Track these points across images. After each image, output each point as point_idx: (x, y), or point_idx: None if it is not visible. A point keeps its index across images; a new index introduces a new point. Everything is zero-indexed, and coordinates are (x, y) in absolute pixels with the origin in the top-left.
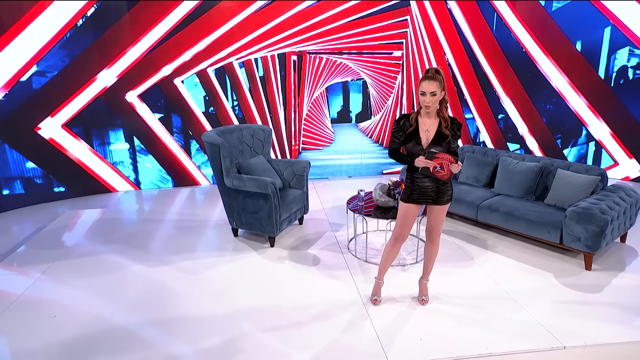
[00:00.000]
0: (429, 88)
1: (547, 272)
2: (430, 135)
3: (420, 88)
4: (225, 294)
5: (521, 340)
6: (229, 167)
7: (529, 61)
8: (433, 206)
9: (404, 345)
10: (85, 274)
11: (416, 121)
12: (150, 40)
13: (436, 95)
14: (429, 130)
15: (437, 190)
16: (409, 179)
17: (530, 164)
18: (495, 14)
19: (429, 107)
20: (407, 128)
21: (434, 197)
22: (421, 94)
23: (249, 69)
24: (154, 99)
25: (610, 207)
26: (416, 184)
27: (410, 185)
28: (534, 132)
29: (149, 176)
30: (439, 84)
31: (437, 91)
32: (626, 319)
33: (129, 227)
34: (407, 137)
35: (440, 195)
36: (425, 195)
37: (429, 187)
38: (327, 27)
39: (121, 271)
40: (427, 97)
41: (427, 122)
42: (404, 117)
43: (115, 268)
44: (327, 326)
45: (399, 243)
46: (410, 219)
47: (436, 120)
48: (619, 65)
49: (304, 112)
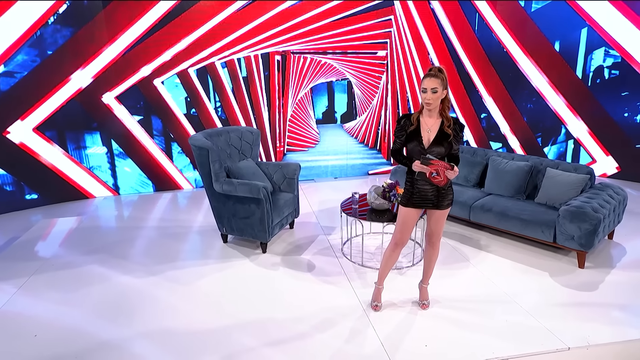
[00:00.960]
0: (430, 84)
1: (542, 271)
2: (432, 135)
3: (422, 85)
4: (220, 304)
5: (526, 343)
6: (218, 172)
7: (510, 61)
8: (433, 210)
9: (409, 353)
10: (67, 287)
11: (418, 121)
12: (128, 40)
13: (437, 93)
14: (430, 130)
15: (438, 194)
16: (408, 182)
17: (520, 163)
18: (477, 14)
19: (430, 104)
20: (408, 127)
21: (434, 201)
22: (422, 91)
23: (231, 69)
24: (132, 101)
25: (601, 206)
26: (416, 188)
27: (409, 189)
28: (516, 131)
29: (129, 181)
30: (441, 81)
31: (438, 88)
32: (625, 317)
33: (111, 236)
34: (409, 137)
35: (440, 199)
36: (425, 199)
37: (429, 191)
38: (311, 26)
39: (106, 283)
40: (428, 93)
41: (429, 122)
42: (405, 117)
43: (99, 280)
44: (330, 336)
45: (399, 248)
46: (410, 224)
47: (438, 120)
48: (595, 65)
49: (289, 113)
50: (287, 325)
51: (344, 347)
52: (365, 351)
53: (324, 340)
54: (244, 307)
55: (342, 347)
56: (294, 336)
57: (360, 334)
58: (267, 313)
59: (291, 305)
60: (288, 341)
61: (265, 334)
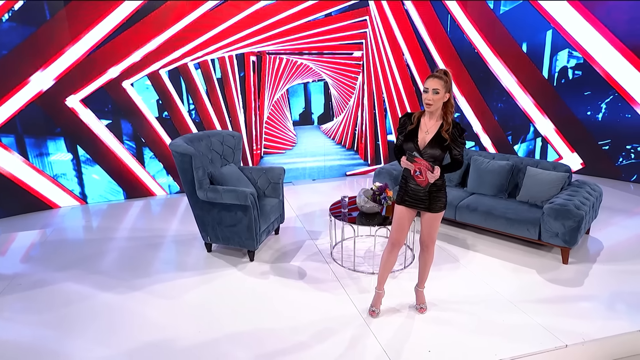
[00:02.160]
0: (432, 85)
1: (529, 268)
2: (429, 137)
3: (424, 85)
4: (210, 318)
5: (525, 343)
6: (202, 179)
7: (481, 61)
8: (425, 213)
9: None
10: (41, 308)
11: (418, 121)
12: (93, 39)
13: (439, 94)
14: (428, 132)
15: (429, 195)
16: (403, 180)
17: (501, 162)
18: (449, 15)
19: (430, 105)
20: (407, 126)
21: (426, 203)
22: (424, 91)
23: (205, 70)
24: (99, 104)
25: (582, 202)
26: (409, 186)
27: (403, 187)
28: (487, 130)
29: (97, 189)
30: (444, 83)
31: (440, 90)
32: (613, 310)
33: (82, 249)
34: (407, 135)
35: (433, 201)
36: (418, 199)
37: (421, 191)
38: (286, 26)
39: (84, 302)
40: (429, 94)
41: (429, 124)
42: (407, 115)
43: (76, 299)
44: (330, 346)
45: (396, 249)
46: (405, 223)
47: (438, 122)
48: (560, 66)
49: (265, 114)
50: (283, 335)
51: (345, 356)
52: (368, 359)
53: (324, 350)
54: (236, 320)
55: (343, 356)
56: (292, 347)
57: (361, 341)
58: (261, 324)
59: (285, 315)
60: (286, 353)
61: (261, 346)
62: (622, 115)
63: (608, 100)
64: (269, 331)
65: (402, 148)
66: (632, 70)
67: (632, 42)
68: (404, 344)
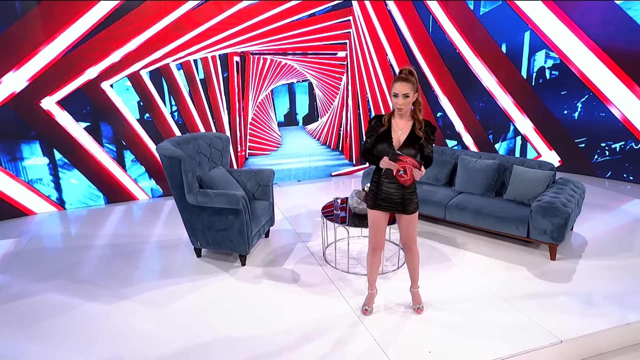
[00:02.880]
0: (402, 90)
1: (519, 266)
2: (403, 137)
3: (392, 89)
4: (203, 326)
5: (522, 340)
6: (191, 182)
7: (462, 62)
8: (401, 215)
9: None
10: (23, 321)
11: (389, 122)
12: (69, 39)
13: (409, 97)
14: (401, 132)
15: (403, 198)
16: (374, 182)
17: (488, 161)
18: (431, 16)
19: (402, 109)
20: (378, 128)
21: (401, 206)
22: (393, 95)
23: (188, 71)
24: (77, 106)
25: (568, 200)
26: (382, 189)
27: (375, 190)
28: (469, 129)
29: (76, 194)
30: (412, 85)
31: (409, 93)
32: (603, 303)
33: (63, 258)
34: (379, 138)
35: (406, 203)
36: (392, 202)
37: (395, 194)
38: (270, 26)
39: (70, 313)
40: (400, 99)
41: (400, 124)
42: (377, 118)
43: (62, 309)
44: (329, 348)
45: (378, 252)
46: (381, 226)
47: (410, 122)
48: (537, 66)
49: (249, 116)
50: (280, 340)
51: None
52: None
53: (323, 353)
54: (229, 327)
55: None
56: (290, 351)
57: (361, 344)
58: (256, 330)
59: (282, 320)
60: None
61: (258, 351)
62: (596, 114)
63: (583, 100)
64: (265, 337)
65: (371, 150)
66: (605, 71)
67: (604, 43)
68: (405, 346)
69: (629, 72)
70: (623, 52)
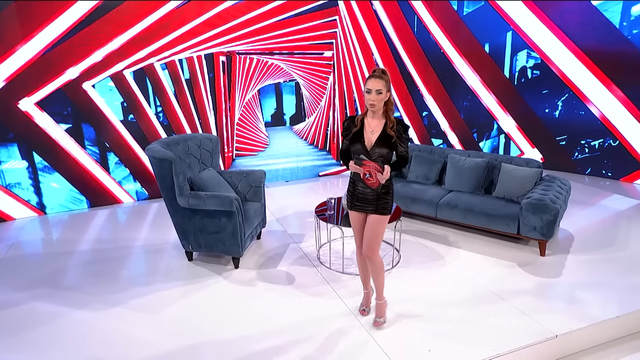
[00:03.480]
0: (375, 86)
1: (511, 262)
2: (375, 136)
3: (365, 86)
4: (197, 330)
5: (518, 336)
6: (183, 185)
7: (447, 61)
8: (369, 215)
9: None
10: (9, 331)
11: (362, 122)
12: (48, 37)
13: (382, 94)
14: (374, 132)
15: (378, 197)
16: (351, 182)
17: (477, 159)
18: (416, 16)
19: (374, 105)
20: (352, 129)
21: (374, 206)
22: (366, 91)
23: (173, 71)
24: (57, 107)
25: (556, 197)
26: (357, 189)
27: (351, 190)
28: (454, 128)
29: (57, 198)
30: (385, 83)
31: (382, 90)
32: (594, 297)
33: (48, 264)
34: (353, 138)
35: (380, 203)
36: (366, 202)
37: (369, 194)
38: (256, 26)
39: (58, 322)
40: (373, 94)
41: (373, 123)
42: (350, 119)
43: (48, 318)
44: (330, 350)
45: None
46: (358, 228)
47: (382, 121)
48: (519, 66)
49: (236, 116)
50: (279, 343)
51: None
52: None
53: (324, 357)
54: (225, 330)
55: None
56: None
57: (361, 345)
58: (252, 332)
59: (280, 323)
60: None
61: (255, 354)
62: (576, 112)
63: (564, 99)
64: (261, 339)
65: (348, 152)
66: (584, 71)
67: (583, 44)
68: (404, 345)
69: (606, 71)
70: (601, 52)
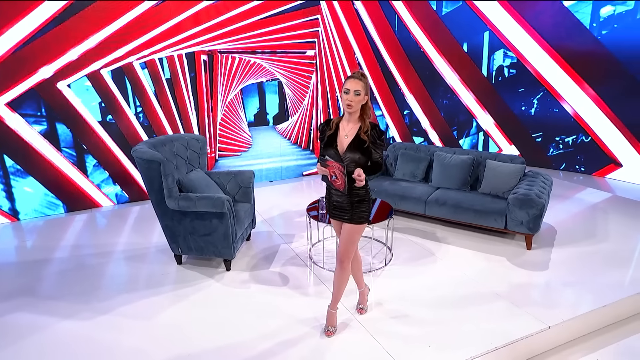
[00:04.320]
0: (353, 86)
1: (500, 256)
2: (348, 140)
3: (344, 86)
4: (194, 336)
5: (514, 329)
6: (172, 186)
7: (427, 60)
8: (344, 224)
9: (417, 356)
10: None
11: (337, 126)
12: (19, 34)
13: (360, 96)
14: (347, 135)
15: (352, 205)
16: (327, 191)
17: (463, 157)
18: (396, 15)
19: (351, 106)
20: (325, 133)
21: (349, 214)
22: (344, 92)
23: (153, 70)
24: (30, 108)
25: (541, 192)
26: (332, 197)
27: (327, 197)
28: (435, 126)
29: (31, 203)
30: (364, 85)
31: (361, 91)
32: (580, 288)
33: (23, 274)
34: (327, 142)
35: (354, 212)
36: (342, 210)
37: (344, 202)
38: (238, 24)
39: (43, 332)
40: (351, 95)
41: (347, 127)
42: (325, 123)
43: (33, 330)
44: (334, 348)
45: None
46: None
47: (357, 125)
48: (497, 65)
49: (219, 116)
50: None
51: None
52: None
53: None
54: (223, 336)
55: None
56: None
57: (362, 343)
58: (250, 335)
59: (276, 323)
60: None
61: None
62: (551, 110)
63: (539, 97)
64: (260, 342)
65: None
66: (557, 70)
67: (556, 43)
68: (404, 342)
69: (578, 71)
70: (573, 52)
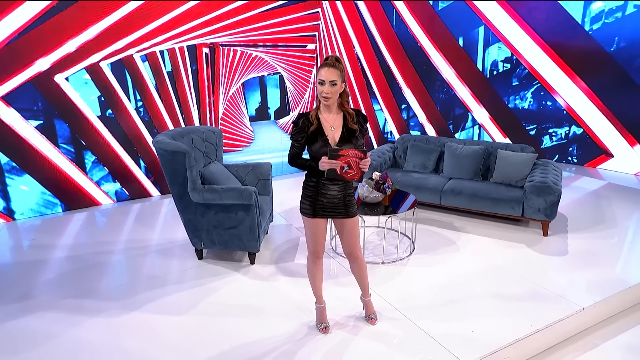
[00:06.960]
0: (329, 76)
1: (519, 243)
2: (337, 132)
3: (318, 76)
4: (238, 329)
5: (548, 313)
6: (196, 179)
7: (424, 55)
8: (344, 220)
9: (462, 341)
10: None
11: (318, 119)
12: (13, 25)
13: (336, 86)
14: (334, 127)
15: (344, 200)
16: (312, 188)
17: (474, 147)
18: (394, 10)
19: (328, 98)
20: (308, 128)
21: (343, 209)
22: (319, 82)
23: (154, 63)
24: (26, 102)
25: (556, 179)
26: (321, 193)
27: (313, 196)
28: (431, 120)
29: (27, 202)
30: (340, 73)
31: (337, 81)
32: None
33: (33, 275)
34: (311, 138)
35: (348, 206)
36: (333, 206)
37: (336, 197)
38: (239, 17)
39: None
40: (327, 86)
41: (330, 119)
42: (303, 116)
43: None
44: (375, 335)
45: (320, 259)
46: (321, 234)
47: (339, 115)
48: (491, 59)
49: (220, 110)
50: (329, 334)
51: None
52: (420, 345)
53: (372, 345)
54: (265, 327)
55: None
56: (339, 342)
57: (402, 328)
58: (296, 326)
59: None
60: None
61: (303, 347)
62: (544, 103)
63: (532, 90)
64: (306, 331)
65: (300, 154)
66: (550, 64)
67: (549, 38)
68: (448, 329)
69: (570, 65)
70: (565, 46)
